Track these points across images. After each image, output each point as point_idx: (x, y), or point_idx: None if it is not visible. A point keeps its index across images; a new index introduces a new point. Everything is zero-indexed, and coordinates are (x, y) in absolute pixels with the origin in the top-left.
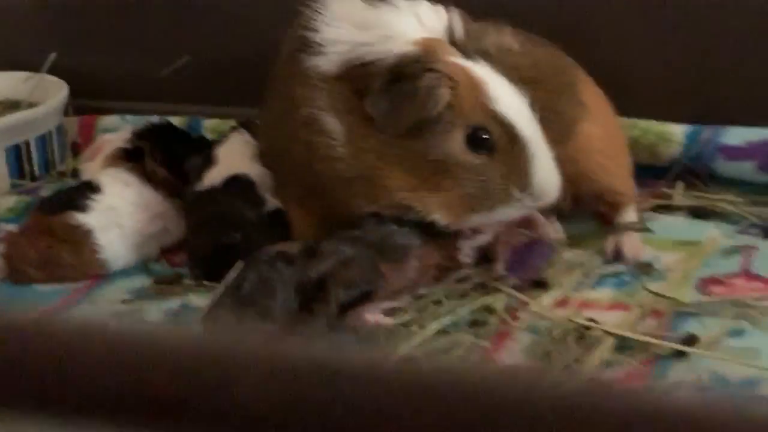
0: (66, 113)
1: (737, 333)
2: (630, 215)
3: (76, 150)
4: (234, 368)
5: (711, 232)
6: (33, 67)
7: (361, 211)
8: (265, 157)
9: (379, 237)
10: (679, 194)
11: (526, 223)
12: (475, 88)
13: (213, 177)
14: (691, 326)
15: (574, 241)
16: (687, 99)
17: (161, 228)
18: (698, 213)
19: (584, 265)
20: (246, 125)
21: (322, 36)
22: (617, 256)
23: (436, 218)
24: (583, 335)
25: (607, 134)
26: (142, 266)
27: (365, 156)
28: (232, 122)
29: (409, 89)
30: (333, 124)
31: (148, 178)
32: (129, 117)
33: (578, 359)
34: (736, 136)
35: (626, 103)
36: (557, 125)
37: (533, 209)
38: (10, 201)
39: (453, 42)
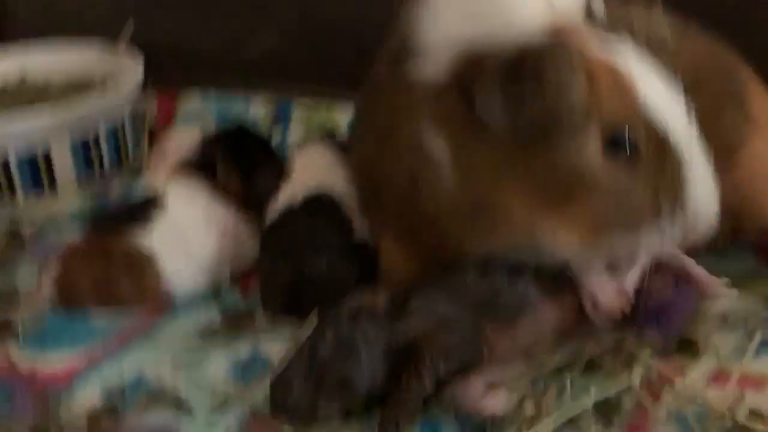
0: (144, 88)
1: None
2: None
3: (153, 140)
4: None
5: None
6: (107, 33)
7: (477, 250)
8: (359, 180)
9: (485, 292)
10: None
11: (677, 272)
12: (618, 82)
13: (291, 194)
14: None
15: (731, 287)
16: None
17: (233, 249)
18: None
19: (747, 321)
20: (331, 135)
21: (427, 37)
22: None
23: (568, 244)
24: None
25: None
26: (211, 295)
27: (479, 179)
28: (325, 105)
29: (533, 86)
30: (439, 145)
31: (220, 191)
32: (213, 98)
33: None
34: None
35: None
36: (718, 144)
37: (683, 239)
38: (75, 203)
39: (591, 26)
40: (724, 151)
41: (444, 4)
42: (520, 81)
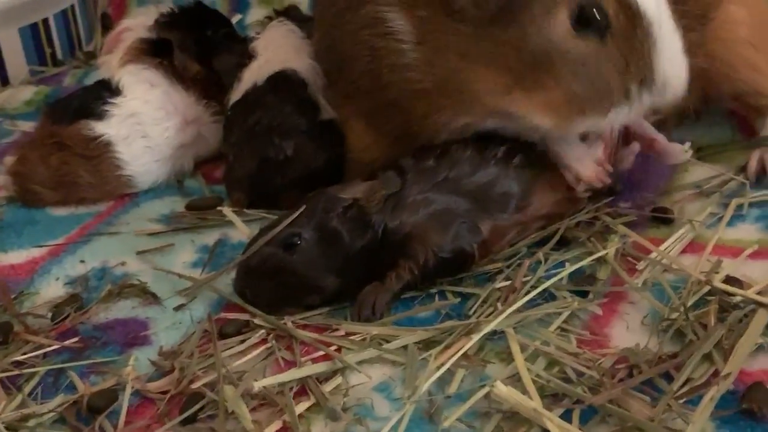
0: None
1: None
2: None
3: (107, 23)
4: None
5: None
6: None
7: (447, 128)
8: (322, 58)
9: (479, 183)
10: None
11: (641, 140)
12: None
13: (255, 74)
14: None
15: (705, 155)
16: None
17: (195, 136)
18: None
19: (720, 189)
20: (288, 13)
21: None
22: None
23: (539, 123)
24: (726, 303)
25: (756, 20)
26: (174, 183)
27: (444, 57)
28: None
29: None
30: (400, 22)
31: (178, 75)
32: None
33: (722, 341)
34: None
35: None
36: (691, 6)
37: (654, 109)
38: (28, 92)
39: None
40: (697, 12)
41: None
42: None
